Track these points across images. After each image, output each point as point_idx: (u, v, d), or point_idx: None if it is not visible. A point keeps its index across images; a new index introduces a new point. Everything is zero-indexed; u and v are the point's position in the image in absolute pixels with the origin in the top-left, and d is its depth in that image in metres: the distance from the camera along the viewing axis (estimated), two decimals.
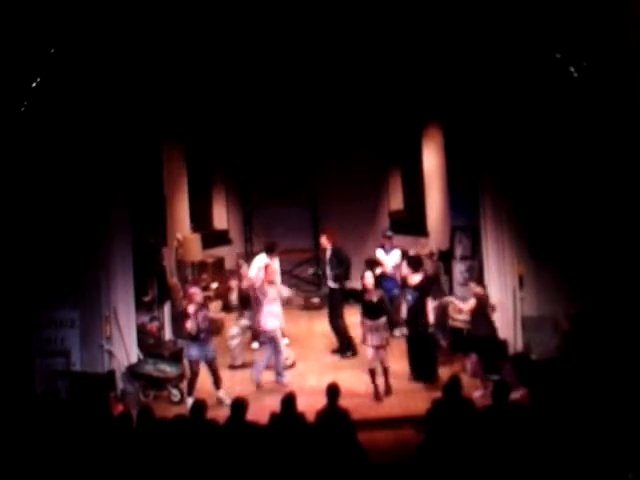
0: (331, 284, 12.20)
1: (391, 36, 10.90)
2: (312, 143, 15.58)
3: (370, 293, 10.34)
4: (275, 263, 12.14)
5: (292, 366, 11.35)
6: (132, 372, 10.39)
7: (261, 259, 12.00)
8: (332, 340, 12.18)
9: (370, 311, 10.26)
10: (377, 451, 7.50)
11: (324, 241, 12.37)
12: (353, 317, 11.74)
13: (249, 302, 11.73)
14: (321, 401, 7.73)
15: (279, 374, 10.67)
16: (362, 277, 10.54)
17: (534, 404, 8.23)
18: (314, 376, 10.80)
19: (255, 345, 12.30)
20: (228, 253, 16.06)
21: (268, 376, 10.78)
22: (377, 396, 10.04)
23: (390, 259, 12.58)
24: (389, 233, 13.28)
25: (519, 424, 6.94)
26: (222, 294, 14.39)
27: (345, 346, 11.81)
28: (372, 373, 10.12)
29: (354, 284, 12.21)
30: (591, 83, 9.34)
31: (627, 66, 9.16)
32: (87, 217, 10.06)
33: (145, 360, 10.77)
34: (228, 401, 8.62)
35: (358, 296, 11.08)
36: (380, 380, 10.18)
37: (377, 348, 10.15)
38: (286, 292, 11.68)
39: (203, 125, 14.81)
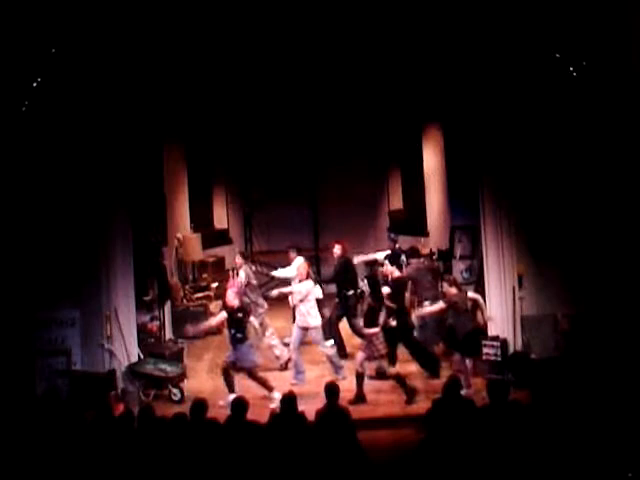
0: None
1: (391, 38, 10.92)
2: (312, 143, 15.62)
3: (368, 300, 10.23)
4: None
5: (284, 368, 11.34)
6: (133, 371, 10.40)
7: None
8: None
9: (365, 316, 10.20)
10: (377, 450, 7.50)
11: (337, 250, 12.25)
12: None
13: None
14: (320, 401, 7.76)
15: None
16: (362, 283, 10.47)
17: (534, 403, 8.23)
18: (314, 377, 10.80)
19: (287, 340, 12.30)
20: (228, 253, 16.09)
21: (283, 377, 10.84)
22: (353, 400, 9.69)
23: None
24: (393, 236, 13.22)
25: (519, 423, 6.96)
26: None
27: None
28: (358, 377, 9.94)
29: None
30: (591, 83, 9.35)
31: (627, 66, 9.18)
32: (88, 217, 10.09)
33: (145, 359, 10.78)
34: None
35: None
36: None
37: (365, 354, 9.96)
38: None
39: (203, 126, 14.84)
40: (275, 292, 11.55)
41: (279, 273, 12.53)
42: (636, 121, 9.16)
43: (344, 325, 11.89)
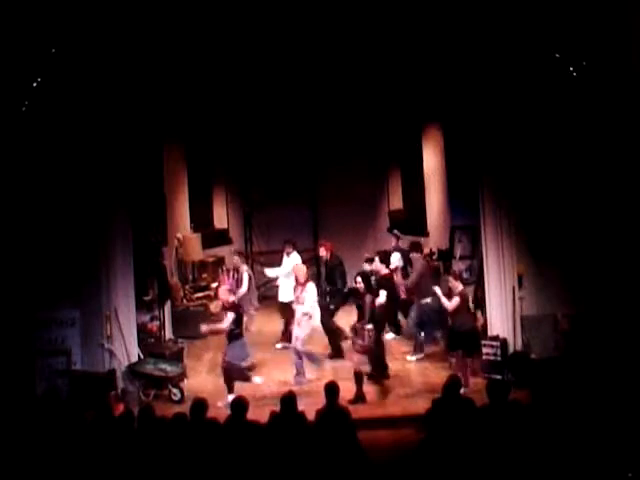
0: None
1: (391, 38, 10.92)
2: (312, 143, 15.62)
3: (362, 296, 10.27)
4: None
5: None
6: (133, 371, 10.40)
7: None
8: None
9: (360, 314, 10.20)
10: (377, 450, 7.51)
11: (322, 252, 12.38)
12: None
13: None
14: (320, 401, 7.76)
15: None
16: (355, 281, 10.48)
17: (533, 403, 8.24)
18: (314, 377, 10.79)
19: (279, 346, 12.27)
20: (228, 253, 16.08)
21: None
22: (352, 400, 9.62)
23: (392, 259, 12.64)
24: (397, 232, 13.32)
25: (518, 423, 6.96)
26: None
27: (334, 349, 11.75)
28: (357, 377, 9.92)
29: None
30: (591, 83, 9.36)
31: (627, 66, 9.19)
32: (88, 217, 10.10)
33: (145, 359, 10.79)
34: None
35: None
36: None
37: (360, 352, 10.01)
38: None
39: (203, 126, 14.84)
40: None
41: (272, 272, 12.64)
42: (636, 121, 9.16)
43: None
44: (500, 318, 10.60)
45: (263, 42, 11.09)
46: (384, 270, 11.49)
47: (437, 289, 10.66)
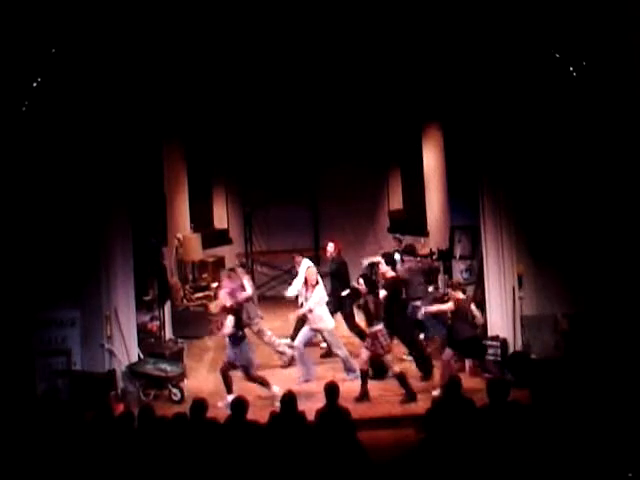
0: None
1: (391, 38, 10.91)
2: (312, 143, 15.62)
3: (365, 298, 10.27)
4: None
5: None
6: (133, 371, 10.40)
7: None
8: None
9: (366, 317, 10.22)
10: (377, 450, 7.50)
11: (331, 247, 12.30)
12: None
13: None
14: (320, 401, 7.76)
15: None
16: (357, 282, 10.45)
17: (534, 403, 8.24)
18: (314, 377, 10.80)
19: (285, 341, 12.27)
20: (228, 253, 16.11)
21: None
22: (358, 398, 9.84)
23: None
24: (399, 236, 13.33)
25: (518, 423, 6.96)
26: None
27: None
28: (363, 375, 10.02)
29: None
30: (591, 83, 9.36)
31: (627, 66, 9.19)
32: (88, 217, 10.09)
33: (145, 359, 10.79)
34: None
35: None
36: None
37: (370, 352, 10.02)
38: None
39: (203, 126, 14.85)
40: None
41: (292, 292, 12.29)
42: (636, 121, 9.16)
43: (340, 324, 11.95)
44: (500, 318, 10.61)
45: (263, 42, 11.08)
46: (390, 273, 11.41)
47: (424, 309, 10.73)
